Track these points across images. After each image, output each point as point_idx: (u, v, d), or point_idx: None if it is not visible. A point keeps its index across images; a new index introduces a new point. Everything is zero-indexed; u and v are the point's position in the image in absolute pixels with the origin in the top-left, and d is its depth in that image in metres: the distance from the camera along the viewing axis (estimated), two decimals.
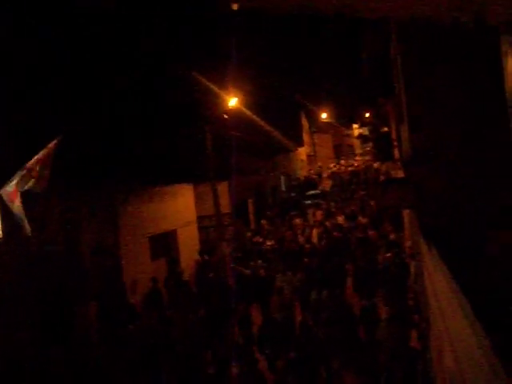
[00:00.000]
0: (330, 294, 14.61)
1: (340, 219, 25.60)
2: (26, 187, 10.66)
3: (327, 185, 38.02)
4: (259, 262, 19.34)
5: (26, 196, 10.84)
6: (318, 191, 35.47)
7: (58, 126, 12.69)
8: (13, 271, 12.00)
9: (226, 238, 24.54)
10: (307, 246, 21.17)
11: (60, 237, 14.59)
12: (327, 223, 24.66)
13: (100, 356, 13.07)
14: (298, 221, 26.87)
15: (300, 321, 13.90)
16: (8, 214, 11.07)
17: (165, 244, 20.81)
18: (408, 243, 16.41)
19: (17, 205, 10.86)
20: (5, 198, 11.01)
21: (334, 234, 21.86)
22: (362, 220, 24.48)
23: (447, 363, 6.19)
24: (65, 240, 14.78)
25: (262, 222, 27.83)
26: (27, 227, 10.79)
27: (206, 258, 21.11)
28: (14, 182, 10.84)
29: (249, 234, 25.47)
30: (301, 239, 22.91)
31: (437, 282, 6.58)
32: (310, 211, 30.09)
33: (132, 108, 17.91)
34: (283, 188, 38.20)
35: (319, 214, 28.20)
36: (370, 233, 21.60)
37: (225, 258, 21.30)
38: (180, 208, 22.22)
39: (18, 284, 12.28)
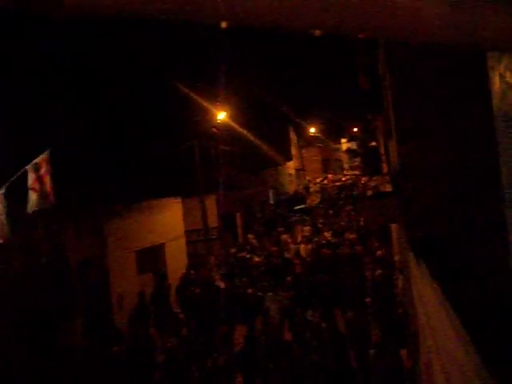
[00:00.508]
0: (320, 314, 14.40)
1: (327, 235, 25.26)
2: (36, 208, 10.68)
3: (315, 200, 37.91)
4: (244, 279, 18.96)
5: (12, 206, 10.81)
6: (305, 206, 35.46)
7: (45, 139, 12.69)
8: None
9: (214, 253, 24.48)
10: (296, 261, 20.96)
11: (46, 250, 14.45)
12: (315, 239, 24.35)
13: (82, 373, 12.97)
14: (285, 237, 26.43)
15: (283, 345, 13.45)
16: None
17: (152, 258, 20.68)
18: (397, 257, 16.40)
19: None
20: None
21: (323, 250, 21.49)
22: (350, 236, 24.18)
23: (436, 379, 6.16)
24: (51, 254, 14.64)
25: (249, 236, 27.42)
26: (7, 232, 10.75)
27: (192, 272, 20.87)
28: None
29: (233, 249, 24.70)
30: (287, 255, 22.59)
31: (425, 297, 6.57)
32: (298, 227, 29.87)
33: (120, 122, 17.91)
34: (271, 202, 38.20)
35: (307, 229, 27.92)
36: (358, 248, 21.44)
37: (211, 273, 21.18)
38: (168, 222, 22.11)
39: (3, 298, 12.13)
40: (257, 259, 22.11)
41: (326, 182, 45.69)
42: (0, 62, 13.83)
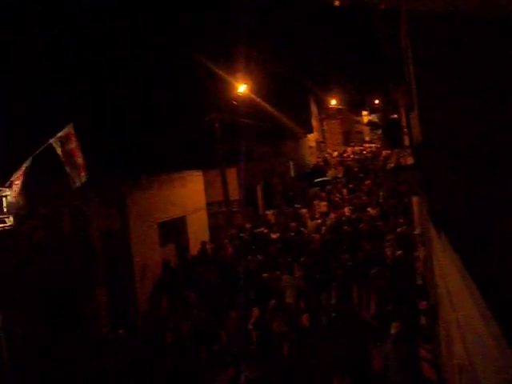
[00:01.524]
0: (337, 296, 14.14)
1: (347, 210, 24.59)
2: (78, 183, 10.84)
3: (335, 172, 37.48)
4: (259, 257, 18.43)
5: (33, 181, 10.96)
6: (325, 178, 35.24)
7: (65, 115, 12.80)
8: (23, 259, 12.09)
9: (235, 225, 24.62)
10: (315, 237, 20.21)
11: (69, 224, 14.65)
12: (333, 215, 23.62)
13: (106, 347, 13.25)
14: (303, 211, 25.84)
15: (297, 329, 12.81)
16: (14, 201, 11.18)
17: (174, 230, 20.90)
18: (417, 230, 16.37)
19: (16, 186, 10.97)
20: (14, 185, 11.12)
21: (343, 227, 20.76)
22: (371, 211, 23.15)
23: (457, 351, 6.23)
24: (74, 227, 14.84)
25: (267, 212, 27.20)
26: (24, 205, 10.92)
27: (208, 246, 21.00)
28: (24, 167, 10.96)
29: (248, 225, 24.10)
30: (305, 231, 21.81)
31: (446, 269, 6.61)
32: (317, 201, 28.70)
33: (141, 95, 17.96)
34: (292, 174, 38.15)
35: (323, 205, 26.95)
36: (379, 224, 20.60)
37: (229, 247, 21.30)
38: (190, 194, 22.28)
39: (28, 271, 12.35)
40: (273, 235, 21.74)
41: (346, 154, 45.35)
42: (20, 33, 13.91)
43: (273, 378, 10.49)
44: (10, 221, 11.67)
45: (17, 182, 11.03)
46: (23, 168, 10.94)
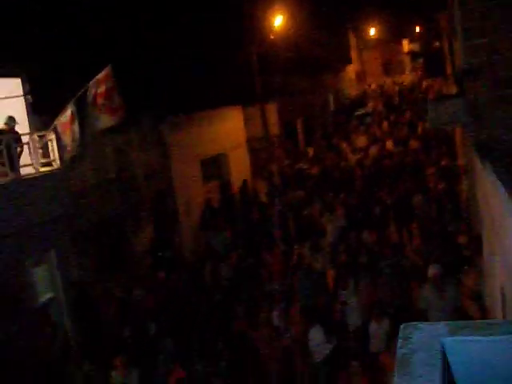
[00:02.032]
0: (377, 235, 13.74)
1: (388, 143, 23.99)
2: (101, 125, 10.98)
3: (374, 105, 36.72)
4: (299, 192, 18.44)
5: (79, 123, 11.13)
6: (366, 110, 34.71)
7: (101, 53, 12.83)
8: (71, 198, 12.41)
9: (276, 160, 24.69)
10: (357, 172, 19.90)
11: (113, 164, 14.93)
12: (374, 149, 23.19)
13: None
14: (344, 145, 25.52)
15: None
16: (62, 145, 11.42)
17: (216, 167, 21.11)
18: (461, 160, 16.17)
19: (68, 134, 11.17)
20: (59, 129, 11.33)
21: (384, 161, 20.41)
22: (413, 144, 22.57)
23: (500, 279, 6.29)
24: (118, 167, 15.12)
25: (308, 149, 26.98)
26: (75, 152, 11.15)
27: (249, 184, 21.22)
28: (69, 111, 11.11)
29: (287, 161, 24.16)
30: (346, 166, 21.71)
31: (491, 198, 6.60)
32: (358, 134, 28.30)
33: (178, 32, 17.81)
34: (332, 107, 37.72)
35: (363, 138, 26.40)
36: (421, 157, 20.10)
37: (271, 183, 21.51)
38: (230, 131, 22.33)
39: (78, 211, 12.69)
40: (313, 171, 21.66)
41: (385, 86, 44.33)
42: None
43: (312, 317, 10.34)
44: (56, 164, 11.99)
45: (64, 126, 11.23)
46: (69, 112, 11.10)
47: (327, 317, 10.49)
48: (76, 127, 10.97)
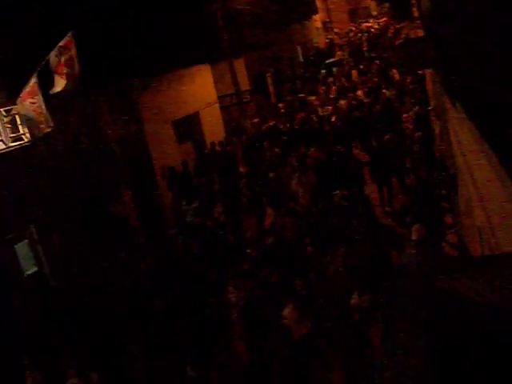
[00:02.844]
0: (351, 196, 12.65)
1: (360, 93, 22.78)
2: (58, 89, 10.73)
3: (342, 54, 36.13)
4: (274, 150, 17.78)
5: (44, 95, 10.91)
6: (335, 59, 34.39)
7: (64, 20, 12.49)
8: (45, 172, 12.28)
9: (248, 116, 24.57)
10: (326, 128, 19.04)
11: (84, 132, 14.72)
12: (342, 101, 22.00)
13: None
14: (312, 99, 24.56)
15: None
16: (28, 117, 11.21)
17: (189, 127, 20.97)
18: (432, 103, 16.22)
19: (28, 103, 10.93)
20: (22, 101, 11.07)
21: (353, 113, 19.29)
22: (385, 93, 21.27)
23: (476, 214, 6.41)
24: (89, 134, 14.92)
25: (279, 105, 25.88)
26: (44, 125, 10.93)
27: (235, 140, 21.00)
28: (32, 81, 10.87)
29: (256, 119, 23.19)
30: (315, 120, 20.55)
31: (463, 139, 6.68)
32: (326, 86, 27.12)
33: None
34: (300, 59, 37.40)
35: (333, 89, 25.48)
36: (395, 106, 19.34)
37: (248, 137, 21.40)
38: (200, 90, 22.11)
39: (52, 183, 12.58)
40: (284, 127, 21.07)
41: (352, 33, 43.72)
42: None
43: (288, 283, 9.75)
44: (26, 137, 11.82)
45: (28, 98, 11.00)
46: (32, 83, 10.86)
47: (303, 290, 9.57)
48: (40, 98, 10.75)
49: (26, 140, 11.80)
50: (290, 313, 8.69)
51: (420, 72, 19.45)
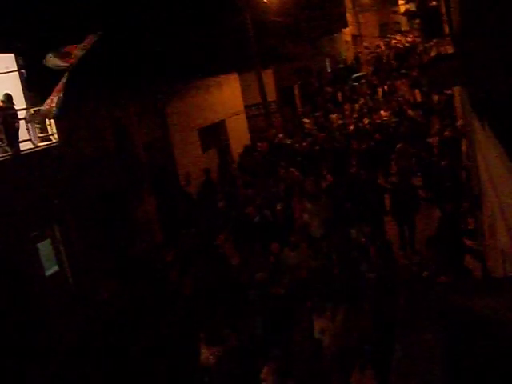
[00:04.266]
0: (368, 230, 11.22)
1: (383, 114, 21.62)
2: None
3: (368, 70, 35.48)
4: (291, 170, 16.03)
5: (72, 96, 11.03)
6: (361, 74, 34.17)
7: (95, 22, 12.66)
8: (71, 173, 12.41)
9: (275, 126, 24.59)
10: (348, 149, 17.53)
11: (112, 137, 14.85)
12: (366, 120, 21.11)
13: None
14: (334, 116, 23.68)
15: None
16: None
17: (215, 135, 21.06)
18: (460, 122, 16.08)
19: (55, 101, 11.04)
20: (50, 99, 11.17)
21: (376, 136, 17.97)
22: (411, 113, 20.33)
23: (500, 240, 6.33)
24: (116, 137, 15.05)
25: (305, 120, 24.86)
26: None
27: (259, 145, 20.64)
28: (62, 81, 10.98)
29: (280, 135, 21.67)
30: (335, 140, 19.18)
31: (490, 160, 6.60)
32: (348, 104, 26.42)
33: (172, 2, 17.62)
34: (329, 70, 37.35)
35: (357, 107, 24.76)
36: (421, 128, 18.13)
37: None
38: (227, 98, 22.24)
39: (78, 184, 12.69)
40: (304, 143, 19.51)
41: (379, 49, 43.09)
42: None
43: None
44: (54, 138, 11.98)
45: (55, 96, 11.11)
46: (61, 82, 10.97)
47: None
48: (60, 96, 10.82)
49: (54, 140, 11.96)
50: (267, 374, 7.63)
51: (448, 91, 19.26)
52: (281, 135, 21.51)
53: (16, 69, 11.80)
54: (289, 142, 20.38)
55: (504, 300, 1.59)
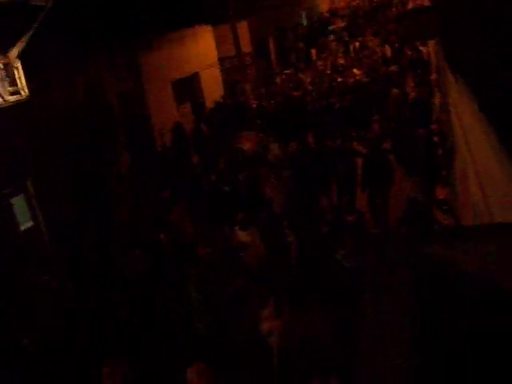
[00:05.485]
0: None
1: (356, 71, 20.08)
2: None
3: (342, 24, 34.95)
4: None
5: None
6: (333, 28, 33.69)
7: None
8: (43, 126, 12.21)
9: (249, 79, 24.39)
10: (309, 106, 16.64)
11: (83, 87, 14.59)
12: (338, 78, 19.57)
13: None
14: (302, 77, 22.58)
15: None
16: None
17: (189, 88, 20.84)
18: (434, 75, 16.13)
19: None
20: None
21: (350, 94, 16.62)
22: (385, 70, 19.21)
23: (472, 191, 6.45)
24: (89, 90, 14.79)
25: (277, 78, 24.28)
26: None
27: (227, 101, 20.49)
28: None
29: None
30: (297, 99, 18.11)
31: (463, 113, 6.67)
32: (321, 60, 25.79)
33: None
34: (304, 24, 36.86)
35: (328, 65, 23.52)
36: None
37: (248, 97, 21.21)
38: (201, 51, 21.93)
39: (50, 138, 12.51)
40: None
41: (355, 2, 42.38)
42: None
43: None
44: (24, 92, 11.74)
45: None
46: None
47: None
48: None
49: (23, 94, 11.73)
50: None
51: (421, 48, 19.13)
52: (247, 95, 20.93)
53: None
54: (254, 104, 19.48)
55: (472, 249, 1.65)
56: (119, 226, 12.46)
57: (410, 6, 27.26)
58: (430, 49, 17.40)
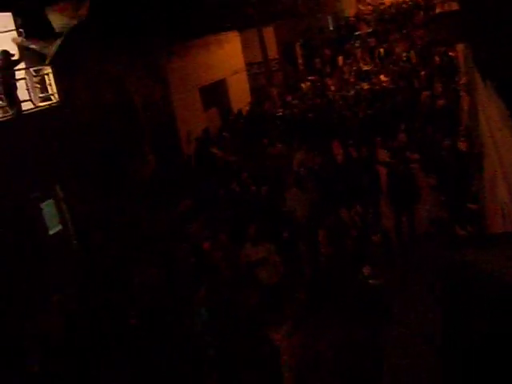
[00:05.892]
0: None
1: (383, 78, 19.68)
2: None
3: (368, 29, 34.40)
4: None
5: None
6: (358, 34, 33.38)
7: None
8: (72, 132, 12.35)
9: (275, 84, 24.40)
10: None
11: (111, 97, 14.73)
12: (366, 85, 19.31)
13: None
14: (330, 82, 21.92)
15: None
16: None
17: (216, 94, 20.93)
18: (463, 79, 15.92)
19: None
20: None
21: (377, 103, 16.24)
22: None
23: (500, 194, 6.38)
24: (116, 96, 14.93)
25: (303, 85, 23.55)
26: None
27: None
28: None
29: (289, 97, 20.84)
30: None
31: (492, 117, 6.60)
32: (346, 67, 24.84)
33: None
34: (331, 28, 36.73)
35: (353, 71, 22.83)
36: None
37: (275, 103, 21.19)
38: (228, 57, 22.03)
39: (78, 144, 12.64)
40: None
41: (382, 7, 41.92)
42: None
43: None
44: (55, 98, 11.92)
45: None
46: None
47: None
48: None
49: (54, 100, 11.90)
50: None
51: (451, 54, 18.81)
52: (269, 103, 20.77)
53: (14, 28, 11.65)
54: (280, 111, 19.25)
55: (502, 253, 1.63)
56: (138, 237, 12.44)
57: (438, 10, 26.80)
58: (458, 53, 17.19)
